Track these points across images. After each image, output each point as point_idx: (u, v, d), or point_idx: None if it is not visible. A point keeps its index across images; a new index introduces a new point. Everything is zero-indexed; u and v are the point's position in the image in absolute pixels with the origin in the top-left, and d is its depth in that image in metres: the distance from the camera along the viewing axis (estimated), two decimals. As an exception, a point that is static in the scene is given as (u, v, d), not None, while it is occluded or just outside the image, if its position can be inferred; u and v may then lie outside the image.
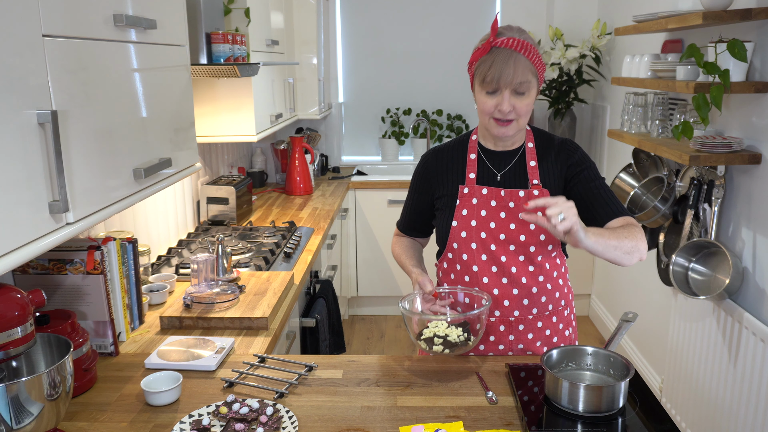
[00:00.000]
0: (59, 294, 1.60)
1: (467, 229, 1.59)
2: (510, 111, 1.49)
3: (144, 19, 1.44)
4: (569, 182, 1.61)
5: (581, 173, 1.60)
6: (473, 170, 1.62)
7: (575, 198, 1.59)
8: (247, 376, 1.50)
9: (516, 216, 1.57)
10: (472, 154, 1.64)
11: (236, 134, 2.66)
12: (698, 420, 2.52)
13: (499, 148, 1.63)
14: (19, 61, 1.03)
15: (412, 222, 1.80)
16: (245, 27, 2.59)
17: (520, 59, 1.46)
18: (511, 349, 1.64)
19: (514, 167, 1.61)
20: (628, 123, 3.03)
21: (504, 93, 1.48)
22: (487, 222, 1.58)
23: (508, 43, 1.47)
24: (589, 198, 1.59)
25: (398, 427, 1.29)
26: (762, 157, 2.19)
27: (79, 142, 1.20)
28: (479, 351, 1.64)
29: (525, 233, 1.56)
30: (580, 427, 1.26)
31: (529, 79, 1.48)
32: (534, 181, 1.59)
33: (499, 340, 1.63)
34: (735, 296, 2.33)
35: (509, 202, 1.58)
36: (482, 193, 1.59)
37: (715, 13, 2.16)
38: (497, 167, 1.62)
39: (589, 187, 1.60)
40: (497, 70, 1.46)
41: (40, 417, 1.14)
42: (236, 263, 2.31)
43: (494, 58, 1.47)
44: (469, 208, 1.59)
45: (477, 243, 1.58)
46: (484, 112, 1.53)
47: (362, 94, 4.60)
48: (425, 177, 1.69)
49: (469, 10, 4.43)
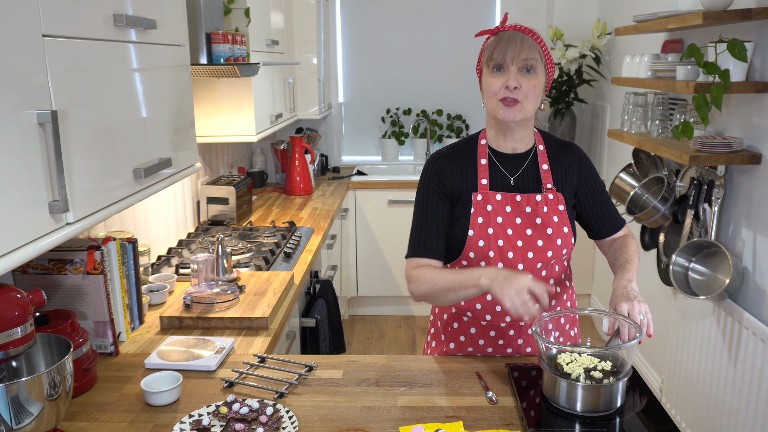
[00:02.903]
0: (59, 294, 1.60)
1: (484, 238, 1.52)
2: (516, 88, 1.46)
3: (144, 19, 1.44)
4: (579, 189, 1.61)
5: (590, 182, 1.61)
6: (485, 176, 1.55)
7: (583, 208, 1.62)
8: (247, 376, 1.50)
9: (533, 221, 1.53)
10: (482, 159, 1.57)
11: (236, 134, 2.66)
12: (698, 420, 2.52)
13: (510, 150, 1.58)
14: (19, 61, 1.03)
15: (437, 238, 1.54)
16: (245, 27, 2.59)
17: (526, 38, 1.48)
18: (518, 352, 1.62)
19: (527, 170, 1.57)
20: (628, 123, 3.03)
21: (511, 69, 1.46)
22: (504, 229, 1.52)
23: (515, 27, 1.50)
24: (596, 211, 1.62)
25: (398, 427, 1.29)
26: (762, 157, 2.19)
27: (79, 142, 1.20)
28: (486, 352, 1.63)
29: (542, 238, 1.53)
30: (578, 427, 1.26)
31: (536, 57, 1.47)
32: (548, 185, 1.56)
33: (508, 343, 1.61)
34: (735, 296, 2.33)
35: (525, 207, 1.54)
36: (496, 200, 1.53)
37: (715, 13, 2.16)
38: (510, 171, 1.57)
39: (597, 201, 1.62)
40: (503, 46, 1.47)
41: (40, 417, 1.14)
42: (236, 263, 2.31)
43: (500, 38, 1.49)
44: (484, 215, 1.53)
45: (494, 251, 1.52)
46: (491, 93, 1.48)
47: (362, 94, 4.60)
48: (440, 181, 1.56)
49: (469, 10, 4.42)
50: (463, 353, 1.64)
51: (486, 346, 1.62)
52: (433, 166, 1.59)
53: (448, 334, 1.65)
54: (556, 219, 1.54)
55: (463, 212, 1.54)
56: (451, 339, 1.64)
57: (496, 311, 1.58)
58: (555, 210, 1.54)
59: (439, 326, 1.69)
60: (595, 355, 1.35)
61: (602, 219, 1.63)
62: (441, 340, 1.68)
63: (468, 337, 1.62)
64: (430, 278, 1.48)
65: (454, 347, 1.64)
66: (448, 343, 1.65)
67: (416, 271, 1.52)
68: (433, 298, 1.51)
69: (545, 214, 1.53)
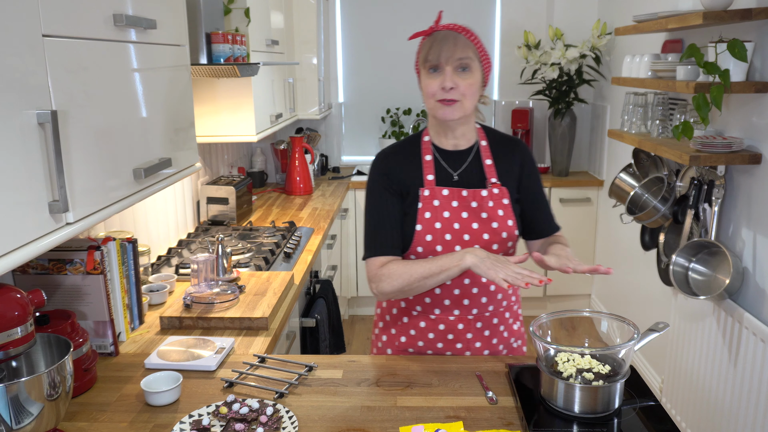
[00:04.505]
0: (59, 294, 1.60)
1: (432, 232, 1.55)
2: (453, 88, 1.49)
3: (144, 19, 1.44)
4: (520, 183, 1.63)
5: (531, 177, 1.64)
6: (431, 171, 1.59)
7: (522, 203, 1.64)
8: (247, 376, 1.50)
9: (478, 215, 1.57)
10: (427, 155, 1.61)
11: (236, 134, 2.66)
12: (698, 420, 2.52)
13: (453, 147, 1.61)
14: (19, 61, 1.03)
15: (394, 234, 1.57)
16: (245, 27, 2.59)
17: (460, 37, 1.51)
18: (468, 347, 1.64)
19: (470, 166, 1.61)
20: (628, 123, 3.03)
21: (446, 70, 1.49)
22: (451, 223, 1.56)
23: (448, 26, 1.53)
24: (533, 209, 1.65)
25: (398, 427, 1.29)
26: (762, 157, 2.19)
27: (79, 142, 1.20)
28: (438, 350, 1.63)
29: (488, 231, 1.57)
30: (577, 428, 1.26)
31: (470, 56, 1.50)
32: (492, 179, 1.59)
33: (458, 338, 1.63)
34: (735, 296, 2.33)
35: (471, 202, 1.57)
36: (443, 195, 1.57)
37: (715, 13, 2.16)
38: (453, 167, 1.60)
39: (536, 198, 1.65)
40: (438, 47, 1.49)
41: (39, 417, 1.14)
42: (236, 263, 2.31)
43: (434, 39, 1.52)
44: (431, 210, 1.56)
45: (442, 245, 1.55)
46: (429, 94, 1.52)
47: (362, 94, 4.60)
48: (388, 178, 1.59)
49: (469, 10, 4.42)
50: (414, 348, 1.65)
51: (436, 340, 1.63)
52: (380, 164, 1.63)
53: (398, 328, 1.67)
54: (501, 213, 1.58)
55: (411, 208, 1.58)
56: (402, 333, 1.67)
57: (444, 305, 1.60)
58: (500, 204, 1.58)
59: (389, 320, 1.70)
60: (593, 356, 1.35)
61: (539, 218, 1.65)
62: (392, 335, 1.69)
63: (418, 330, 1.64)
64: (405, 271, 1.50)
65: (406, 341, 1.66)
66: (399, 336, 1.67)
67: (385, 269, 1.53)
68: (409, 290, 1.52)
69: (490, 208, 1.57)
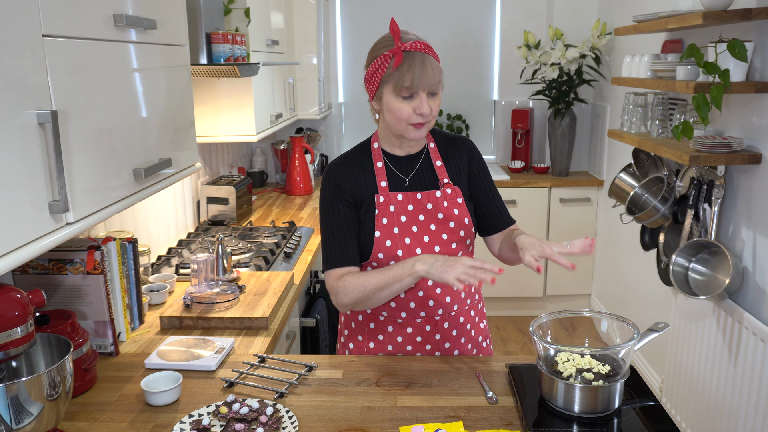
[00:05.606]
0: (59, 294, 1.60)
1: (391, 237, 1.55)
2: (429, 113, 1.48)
3: (144, 19, 1.44)
4: (471, 180, 1.65)
5: (480, 174, 1.66)
6: (384, 178, 1.58)
7: (476, 201, 1.65)
8: (247, 376, 1.50)
9: (435, 216, 1.57)
10: (378, 162, 1.60)
11: (236, 134, 2.66)
12: (698, 420, 2.52)
13: (404, 153, 1.61)
14: (19, 61, 1.03)
15: (350, 245, 1.55)
16: (245, 27, 2.59)
17: (431, 60, 1.48)
18: (438, 348, 1.63)
19: (421, 169, 1.61)
20: (628, 123, 3.03)
21: (421, 96, 1.47)
22: (409, 227, 1.56)
23: (416, 47, 1.47)
24: (485, 204, 1.66)
25: (398, 427, 1.29)
26: (762, 157, 2.19)
27: (79, 142, 1.20)
28: (406, 350, 1.63)
29: (446, 231, 1.57)
30: (577, 428, 1.26)
31: (441, 80, 1.50)
32: (444, 180, 1.60)
33: (426, 340, 1.62)
34: (735, 296, 2.33)
35: (426, 204, 1.57)
36: (398, 200, 1.57)
37: (715, 13, 2.16)
38: (404, 172, 1.61)
39: (487, 193, 1.66)
40: (415, 74, 1.45)
41: (40, 417, 1.14)
42: (236, 263, 2.31)
43: (409, 63, 1.46)
44: (388, 216, 1.56)
45: (402, 249, 1.55)
46: (401, 119, 1.49)
47: (362, 94, 4.58)
48: (340, 189, 1.57)
49: (469, 10, 4.43)
50: (383, 352, 1.65)
51: (405, 343, 1.63)
52: (331, 175, 1.60)
53: (365, 334, 1.66)
54: (457, 212, 1.59)
55: (367, 216, 1.57)
56: (370, 339, 1.65)
57: (410, 308, 1.60)
58: (454, 203, 1.59)
59: (354, 327, 1.69)
60: (593, 356, 1.35)
61: (493, 212, 1.66)
62: (359, 341, 1.68)
63: (386, 335, 1.63)
64: (360, 283, 1.49)
65: (374, 346, 1.65)
66: (367, 342, 1.66)
67: (341, 281, 1.52)
68: (365, 301, 1.51)
69: (446, 208, 1.58)
